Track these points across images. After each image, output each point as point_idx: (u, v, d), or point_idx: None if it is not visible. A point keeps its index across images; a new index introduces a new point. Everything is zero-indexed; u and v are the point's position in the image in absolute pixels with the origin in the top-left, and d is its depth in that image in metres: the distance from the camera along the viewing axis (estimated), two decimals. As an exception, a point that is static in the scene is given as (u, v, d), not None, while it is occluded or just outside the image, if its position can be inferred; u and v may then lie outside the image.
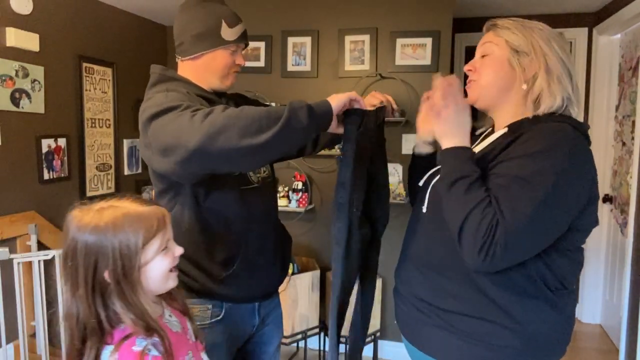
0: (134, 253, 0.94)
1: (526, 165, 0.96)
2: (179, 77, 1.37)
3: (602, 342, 3.29)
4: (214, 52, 1.34)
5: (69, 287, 0.95)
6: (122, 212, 0.95)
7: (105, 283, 0.93)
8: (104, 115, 3.26)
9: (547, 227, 0.96)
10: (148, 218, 0.97)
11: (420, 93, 2.83)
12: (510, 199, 0.94)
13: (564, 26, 3.43)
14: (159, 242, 0.98)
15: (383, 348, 2.95)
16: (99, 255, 0.92)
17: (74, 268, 0.94)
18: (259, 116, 1.06)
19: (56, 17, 2.84)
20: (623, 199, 3.07)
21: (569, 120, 1.05)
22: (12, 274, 2.34)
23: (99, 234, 0.92)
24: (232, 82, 1.41)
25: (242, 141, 1.04)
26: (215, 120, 1.06)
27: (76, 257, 0.93)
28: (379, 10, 2.86)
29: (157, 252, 0.98)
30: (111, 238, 0.92)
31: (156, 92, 1.31)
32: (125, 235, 0.93)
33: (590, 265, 3.46)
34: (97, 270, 0.93)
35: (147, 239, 0.95)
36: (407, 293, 1.18)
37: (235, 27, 1.35)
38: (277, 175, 3.07)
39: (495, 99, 1.13)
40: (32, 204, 2.70)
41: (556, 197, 0.94)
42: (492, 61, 1.12)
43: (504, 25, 1.12)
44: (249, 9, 3.00)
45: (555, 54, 1.07)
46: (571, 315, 1.10)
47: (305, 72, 2.97)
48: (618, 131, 3.28)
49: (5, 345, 2.34)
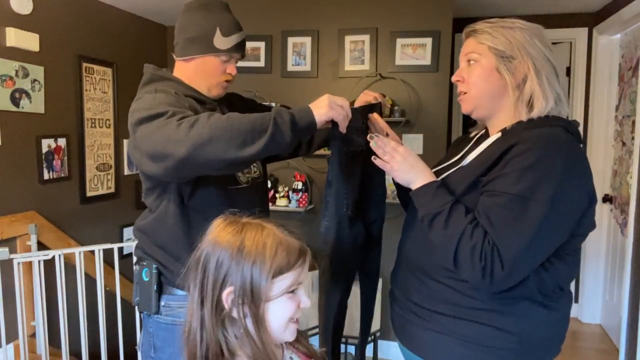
0: (264, 281, 0.83)
1: (522, 181, 0.95)
2: (171, 76, 1.38)
3: (602, 342, 3.29)
4: (204, 58, 1.34)
5: (196, 298, 0.86)
6: (266, 234, 0.86)
7: (228, 306, 0.84)
8: (104, 115, 3.25)
9: (549, 242, 0.96)
10: (290, 249, 0.86)
11: (421, 93, 2.85)
12: (509, 219, 0.94)
13: (564, 26, 3.43)
14: (291, 280, 0.85)
15: (383, 348, 2.95)
16: (228, 275, 0.83)
17: (204, 280, 0.85)
18: (244, 129, 1.09)
19: (56, 17, 2.84)
20: (623, 199, 3.07)
21: (562, 123, 1.04)
22: (12, 274, 2.34)
23: (234, 252, 0.84)
24: (220, 92, 1.40)
25: (227, 153, 1.09)
26: (202, 131, 1.09)
27: (207, 270, 0.85)
28: (379, 10, 2.86)
29: (285, 290, 0.85)
30: (246, 259, 0.83)
31: (146, 92, 1.33)
32: (262, 259, 0.83)
33: (590, 265, 3.46)
34: (223, 290, 0.84)
35: (280, 270, 0.84)
36: (403, 297, 1.18)
37: (230, 37, 1.33)
38: (277, 175, 3.08)
39: (489, 108, 1.11)
40: (32, 204, 2.70)
41: (556, 211, 0.94)
42: (480, 71, 1.09)
43: (483, 30, 1.09)
44: (249, 9, 3.01)
45: (540, 52, 1.05)
46: (566, 314, 1.11)
47: (305, 72, 2.98)
48: (618, 131, 3.28)
49: (5, 345, 2.34)
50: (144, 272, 1.39)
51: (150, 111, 1.17)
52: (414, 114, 2.87)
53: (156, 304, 1.39)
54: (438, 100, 2.83)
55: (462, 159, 1.14)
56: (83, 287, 2.51)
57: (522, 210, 0.93)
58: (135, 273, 1.43)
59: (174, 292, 1.38)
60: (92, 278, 2.61)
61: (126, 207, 3.50)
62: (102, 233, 3.22)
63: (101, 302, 2.53)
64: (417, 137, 2.88)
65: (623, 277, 2.87)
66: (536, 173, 0.95)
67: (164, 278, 1.39)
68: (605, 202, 3.35)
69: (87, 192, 3.11)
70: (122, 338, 2.63)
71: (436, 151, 2.86)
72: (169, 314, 1.39)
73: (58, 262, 2.44)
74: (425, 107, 2.87)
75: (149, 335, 1.43)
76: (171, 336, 1.40)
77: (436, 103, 2.84)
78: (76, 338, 2.55)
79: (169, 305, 1.39)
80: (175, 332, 1.39)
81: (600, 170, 3.39)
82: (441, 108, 2.86)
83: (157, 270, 1.38)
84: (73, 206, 3.01)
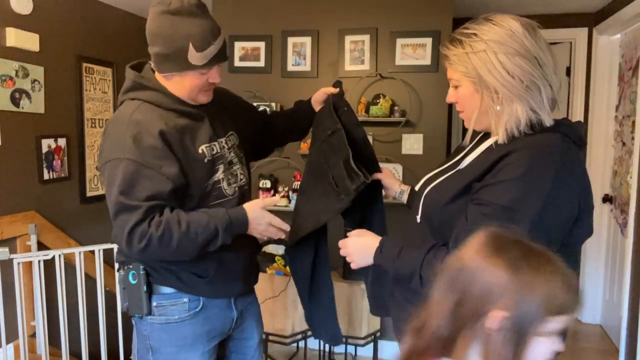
0: (542, 316, 0.77)
1: (511, 191, 0.95)
2: (154, 85, 1.34)
3: (602, 342, 3.29)
4: (181, 75, 1.30)
5: (448, 300, 0.82)
6: (554, 268, 0.79)
7: (492, 326, 0.78)
8: (104, 115, 3.26)
9: None
10: (574, 290, 0.80)
11: (421, 93, 2.85)
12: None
13: (564, 26, 3.43)
14: (562, 325, 0.79)
15: (383, 348, 2.95)
16: (503, 298, 0.77)
17: (466, 291, 0.80)
18: (195, 248, 1.29)
19: (56, 17, 2.84)
20: (623, 199, 3.07)
21: (561, 128, 1.02)
22: (12, 274, 2.34)
23: (515, 278, 0.77)
24: (205, 99, 1.37)
25: (176, 257, 1.34)
26: (160, 254, 1.30)
27: (474, 284, 0.79)
28: (379, 10, 2.86)
29: (553, 332, 0.79)
30: (531, 290, 0.77)
31: (129, 99, 1.35)
32: (549, 294, 0.77)
33: (590, 265, 3.47)
34: (490, 308, 0.78)
35: (562, 310, 0.78)
36: (402, 298, 1.19)
37: (204, 51, 1.25)
38: (277, 175, 3.08)
39: (487, 121, 1.10)
40: (32, 204, 2.70)
41: (542, 222, 0.93)
42: (463, 94, 1.10)
43: (451, 57, 1.08)
44: (249, 8, 3.00)
45: (500, 72, 1.01)
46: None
47: (305, 72, 2.97)
48: (618, 131, 3.28)
49: (5, 345, 2.34)
50: (131, 275, 1.39)
51: (120, 197, 1.24)
52: (414, 114, 2.86)
53: (147, 305, 1.39)
54: (438, 100, 2.83)
55: (460, 162, 1.14)
56: (83, 287, 2.51)
57: (507, 221, 0.93)
58: (120, 279, 1.42)
59: (163, 291, 1.40)
60: (92, 278, 2.61)
61: (126, 207, 3.49)
62: (102, 233, 3.22)
63: (101, 302, 2.53)
64: (417, 137, 2.88)
65: (623, 277, 2.87)
66: (524, 184, 0.95)
67: (152, 278, 1.39)
68: (605, 202, 3.35)
69: (87, 192, 3.11)
70: (122, 338, 2.63)
71: (436, 151, 2.86)
72: (162, 314, 1.40)
73: (58, 262, 2.44)
74: (425, 107, 2.87)
75: (144, 339, 1.43)
76: (167, 335, 1.41)
77: (436, 103, 2.84)
78: (76, 338, 2.55)
79: (161, 304, 1.39)
80: (171, 331, 1.39)
81: (600, 170, 3.39)
82: (441, 108, 2.86)
83: (144, 271, 1.38)
84: (73, 206, 3.01)
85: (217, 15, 3.04)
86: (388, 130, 2.88)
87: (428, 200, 1.13)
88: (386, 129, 2.88)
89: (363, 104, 2.86)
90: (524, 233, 0.89)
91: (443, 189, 1.10)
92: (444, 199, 1.08)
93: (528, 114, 1.02)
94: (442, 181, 1.13)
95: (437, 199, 1.10)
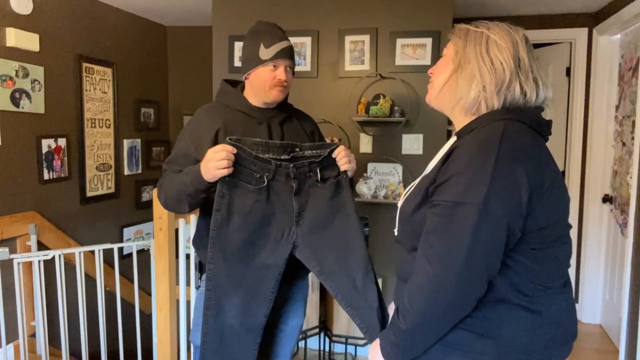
0: None
1: (456, 185, 0.95)
2: (232, 91, 1.64)
3: (602, 342, 3.29)
4: (256, 71, 1.56)
5: None
6: None
7: None
8: (104, 115, 3.26)
9: (491, 242, 0.94)
10: None
11: (421, 93, 2.85)
12: (442, 232, 0.95)
13: (564, 26, 3.43)
14: None
15: (383, 348, 2.95)
16: None
17: None
18: (176, 197, 1.51)
19: (56, 17, 2.84)
20: (623, 199, 3.07)
21: (509, 115, 1.01)
22: (12, 274, 2.34)
23: None
24: (275, 96, 1.57)
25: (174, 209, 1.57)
26: (159, 196, 1.59)
27: None
28: (379, 10, 2.87)
29: None
30: None
31: (207, 106, 1.64)
32: None
33: (590, 265, 3.46)
34: None
35: None
36: (395, 302, 1.20)
37: (270, 47, 1.54)
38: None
39: (444, 100, 1.12)
40: (32, 204, 2.70)
41: (490, 208, 0.92)
42: (440, 63, 1.13)
43: (456, 31, 1.12)
44: (248, 9, 3.01)
45: (487, 54, 1.04)
46: (556, 314, 1.05)
47: (305, 72, 2.97)
48: (618, 131, 3.28)
49: (5, 345, 2.34)
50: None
51: (170, 156, 1.60)
52: (414, 114, 2.87)
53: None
54: (438, 100, 2.83)
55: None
56: (83, 287, 2.51)
57: (455, 216, 0.93)
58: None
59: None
60: (92, 278, 2.62)
61: (126, 207, 3.50)
62: (102, 233, 3.23)
63: (101, 302, 2.53)
64: (417, 137, 2.88)
65: (623, 277, 2.87)
66: (466, 175, 0.94)
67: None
68: (605, 202, 3.35)
69: (87, 192, 3.11)
70: (122, 338, 2.63)
71: (436, 151, 2.84)
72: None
73: (58, 262, 2.44)
74: (425, 107, 2.87)
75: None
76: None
77: (436, 103, 2.84)
78: (76, 338, 2.55)
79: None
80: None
81: (600, 170, 3.39)
82: (441, 108, 2.86)
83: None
84: (73, 206, 3.01)
85: (217, 15, 3.05)
86: (388, 130, 2.88)
87: (401, 214, 1.13)
88: (386, 129, 2.88)
89: (363, 104, 2.86)
90: (473, 224, 0.91)
91: (411, 199, 1.10)
92: (410, 209, 1.08)
93: (483, 96, 1.04)
94: (411, 191, 1.13)
95: (406, 210, 1.10)
